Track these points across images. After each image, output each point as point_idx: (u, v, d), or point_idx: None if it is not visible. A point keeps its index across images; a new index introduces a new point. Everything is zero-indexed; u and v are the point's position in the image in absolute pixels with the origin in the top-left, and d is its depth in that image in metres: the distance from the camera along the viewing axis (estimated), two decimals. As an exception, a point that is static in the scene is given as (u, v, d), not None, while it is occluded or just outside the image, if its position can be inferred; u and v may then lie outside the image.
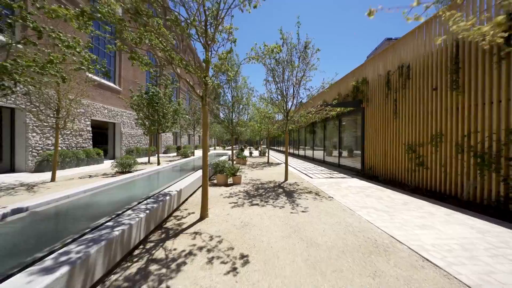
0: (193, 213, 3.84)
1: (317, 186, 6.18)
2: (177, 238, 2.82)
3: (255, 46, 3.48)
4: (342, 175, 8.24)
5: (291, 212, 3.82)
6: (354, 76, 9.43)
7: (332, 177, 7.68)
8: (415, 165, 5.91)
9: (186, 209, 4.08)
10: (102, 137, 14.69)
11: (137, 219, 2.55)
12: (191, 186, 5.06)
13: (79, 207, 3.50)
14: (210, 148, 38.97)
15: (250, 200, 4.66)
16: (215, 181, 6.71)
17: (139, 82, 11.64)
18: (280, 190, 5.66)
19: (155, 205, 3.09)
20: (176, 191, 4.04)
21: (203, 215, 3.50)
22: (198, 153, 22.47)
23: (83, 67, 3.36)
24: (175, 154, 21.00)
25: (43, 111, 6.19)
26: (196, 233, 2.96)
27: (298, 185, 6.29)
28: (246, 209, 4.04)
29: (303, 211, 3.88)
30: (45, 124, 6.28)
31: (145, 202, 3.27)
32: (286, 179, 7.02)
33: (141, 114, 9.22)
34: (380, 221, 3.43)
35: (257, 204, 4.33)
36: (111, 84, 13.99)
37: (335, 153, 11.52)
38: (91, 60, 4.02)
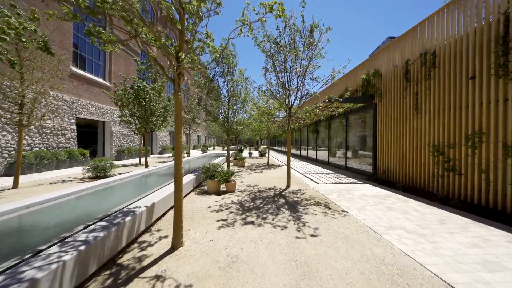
0: (165, 237, 2.88)
1: (325, 194, 5.21)
2: (128, 287, 1.87)
3: (247, 6, 2.52)
4: (351, 179, 7.27)
5: (297, 237, 2.86)
6: (364, 69, 8.45)
7: (341, 183, 6.71)
8: (443, 170, 4.94)
9: (158, 230, 3.12)
10: (91, 136, 13.76)
11: (54, 265, 1.60)
12: (172, 197, 4.10)
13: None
14: (209, 148, 38.01)
15: (243, 215, 3.70)
16: (205, 188, 5.76)
17: (124, 75, 10.63)
18: (282, 200, 4.70)
19: (101, 234, 2.13)
20: (146, 206, 3.08)
21: (176, 244, 2.54)
22: (195, 153, 21.54)
23: (4, 36, 2.43)
24: (170, 154, 20.08)
25: (1, 104, 5.25)
26: (158, 277, 2.01)
27: (303, 193, 5.32)
28: (237, 230, 3.08)
29: (312, 235, 2.92)
30: (3, 120, 5.33)
31: (91, 227, 2.32)
32: (288, 185, 6.06)
33: (126, 111, 8.26)
34: (421, 252, 2.46)
35: (252, 223, 3.37)
36: (100, 80, 13.06)
37: (341, 154, 10.54)
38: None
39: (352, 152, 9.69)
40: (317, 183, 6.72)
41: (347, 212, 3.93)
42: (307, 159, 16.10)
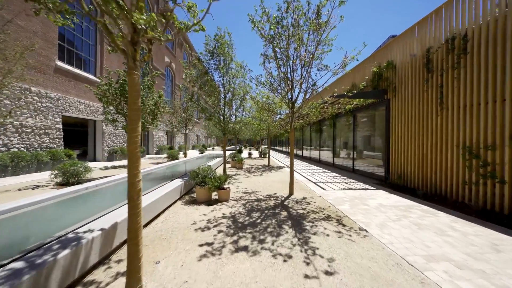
0: (124, 274, 2.08)
1: (335, 205, 4.40)
2: None
3: None
4: (361, 184, 6.45)
5: (306, 275, 2.05)
6: (375, 61, 7.62)
7: (351, 188, 5.89)
8: (478, 176, 4.11)
9: (119, 261, 2.32)
10: (81, 136, 13.01)
11: None
12: (149, 210, 3.31)
13: None
14: (208, 148, 37.18)
15: (235, 236, 2.90)
16: (194, 195, 4.96)
17: (107, 68, 9.78)
18: (284, 213, 3.89)
19: (-2, 291, 1.34)
20: (102, 229, 2.29)
21: (130, 293, 1.74)
22: (194, 153, 20.78)
23: None
24: (166, 155, 19.32)
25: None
26: None
27: (309, 203, 4.51)
28: (225, 262, 2.28)
29: (327, 272, 2.11)
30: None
31: (-4, 273, 1.52)
32: (291, 192, 5.25)
33: (111, 108, 7.48)
34: (493, 308, 1.64)
35: (245, 248, 2.57)
36: (90, 76, 12.29)
37: (348, 155, 9.71)
38: None
39: (360, 153, 8.86)
40: (324, 189, 5.91)
41: (366, 231, 3.12)
42: (309, 159, 15.29)
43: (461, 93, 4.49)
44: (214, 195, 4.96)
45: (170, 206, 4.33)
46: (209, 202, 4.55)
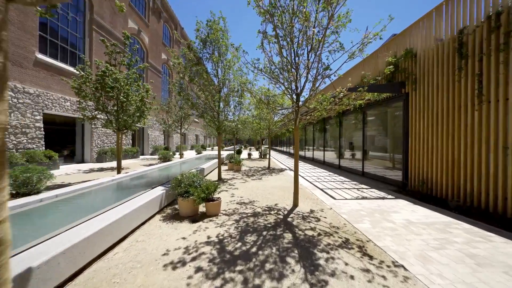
0: None
1: (352, 221, 3.49)
2: None
3: None
4: (376, 191, 5.54)
5: None
6: (390, 51, 6.70)
7: (366, 197, 4.99)
8: (536, 186, 3.19)
9: None
10: (68, 136, 12.12)
11: None
12: (103, 235, 2.42)
13: None
14: (207, 148, 36.30)
15: (219, 281, 1.99)
16: (177, 206, 4.06)
17: (85, 59, 8.87)
18: (288, 236, 2.98)
19: None
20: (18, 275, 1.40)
21: None
22: (190, 154, 19.89)
23: None
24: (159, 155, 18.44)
25: None
26: None
27: (318, 220, 3.61)
28: None
29: None
30: None
31: None
32: (295, 203, 4.34)
33: (89, 103, 6.58)
34: None
35: (231, 308, 1.67)
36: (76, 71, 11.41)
37: (356, 157, 8.81)
38: None
39: (370, 154, 7.95)
40: (334, 197, 5.01)
41: (404, 268, 2.21)
42: (312, 161, 14.38)
43: (509, 81, 3.58)
44: (202, 207, 4.07)
45: (145, 222, 3.44)
46: (195, 218, 3.66)
